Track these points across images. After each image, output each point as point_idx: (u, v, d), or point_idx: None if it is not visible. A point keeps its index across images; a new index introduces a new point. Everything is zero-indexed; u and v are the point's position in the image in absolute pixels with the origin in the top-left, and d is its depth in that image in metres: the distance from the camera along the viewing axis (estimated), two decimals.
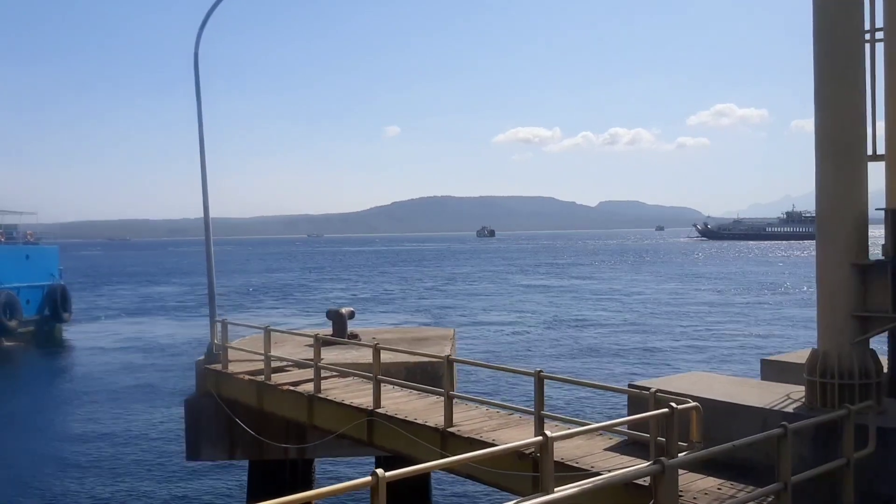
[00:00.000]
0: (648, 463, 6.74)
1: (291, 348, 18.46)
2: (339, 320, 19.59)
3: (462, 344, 45.46)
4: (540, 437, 7.22)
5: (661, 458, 6.48)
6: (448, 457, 11.46)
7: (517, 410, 11.59)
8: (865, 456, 8.53)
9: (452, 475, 12.00)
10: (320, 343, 14.51)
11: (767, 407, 9.74)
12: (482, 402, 12.28)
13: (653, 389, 9.17)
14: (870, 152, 11.62)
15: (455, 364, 18.38)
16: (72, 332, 59.54)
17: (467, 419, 12.23)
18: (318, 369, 14.25)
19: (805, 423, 8.43)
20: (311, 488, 17.27)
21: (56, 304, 60.72)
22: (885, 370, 10.94)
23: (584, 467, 9.75)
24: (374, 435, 12.94)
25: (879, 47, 11.38)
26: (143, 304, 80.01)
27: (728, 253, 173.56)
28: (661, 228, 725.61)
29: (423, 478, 16.79)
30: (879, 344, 11.65)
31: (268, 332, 15.54)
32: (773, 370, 12.70)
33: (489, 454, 7.42)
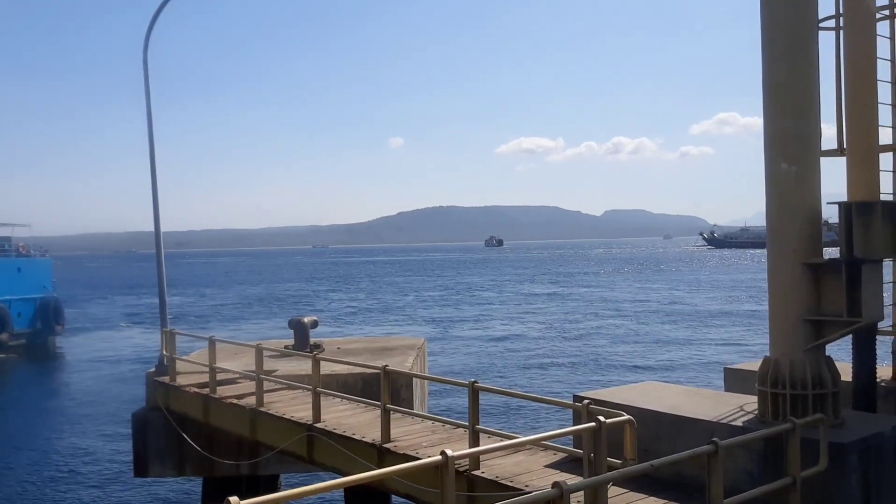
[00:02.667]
0: (545, 489, 6.01)
1: (251, 359, 17.74)
2: (300, 329, 18.90)
3: (445, 353, 44.75)
4: (439, 457, 6.51)
5: (561, 482, 5.75)
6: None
7: (457, 425, 10.83)
8: (816, 474, 7.76)
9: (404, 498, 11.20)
10: (262, 354, 13.77)
11: (715, 420, 8.98)
12: (423, 417, 11.53)
13: (586, 402, 8.42)
14: (834, 147, 10.96)
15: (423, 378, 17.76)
16: (64, 345, 58.92)
17: (409, 434, 11.50)
18: (260, 382, 13.54)
19: (742, 439, 7.65)
20: None
21: (48, 317, 60.12)
22: (852, 378, 10.23)
23: (517, 486, 9.00)
24: (314, 451, 12.22)
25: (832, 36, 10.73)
26: (141, 315, 79.14)
27: (735, 261, 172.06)
28: (668, 237, 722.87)
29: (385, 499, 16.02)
30: (842, 352, 10.92)
31: (212, 342, 14.88)
32: (736, 379, 11.96)
33: (385, 475, 6.68)
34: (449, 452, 6.50)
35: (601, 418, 7.67)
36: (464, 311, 73.01)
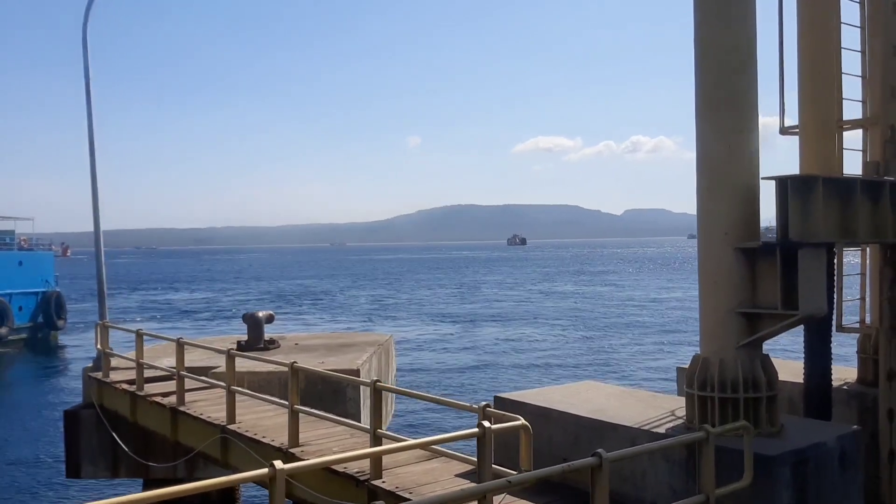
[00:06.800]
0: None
1: (201, 355, 16.86)
2: (254, 324, 17.99)
3: (434, 351, 43.69)
4: (266, 469, 5.54)
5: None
6: (293, 481, 9.85)
7: (359, 429, 9.80)
8: (738, 491, 6.68)
9: None
10: (183, 348, 12.86)
11: (637, 426, 7.92)
12: (335, 421, 10.49)
13: (483, 404, 7.39)
14: (787, 124, 9.88)
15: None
16: (66, 340, 58.52)
17: (323, 437, 10.56)
18: (180, 379, 12.64)
19: (634, 451, 6.56)
20: None
21: (50, 311, 59.79)
22: (803, 380, 9.14)
23: (415, 498, 8.00)
24: (229, 454, 11.29)
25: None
26: (158, 310, 78.26)
27: None
28: (693, 237, 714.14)
29: None
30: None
31: (139, 335, 13.99)
32: None
33: (215, 485, 5.70)
34: (278, 465, 5.54)
35: (486, 423, 6.67)
36: (476, 309, 71.59)
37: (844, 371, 10.82)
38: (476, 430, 6.64)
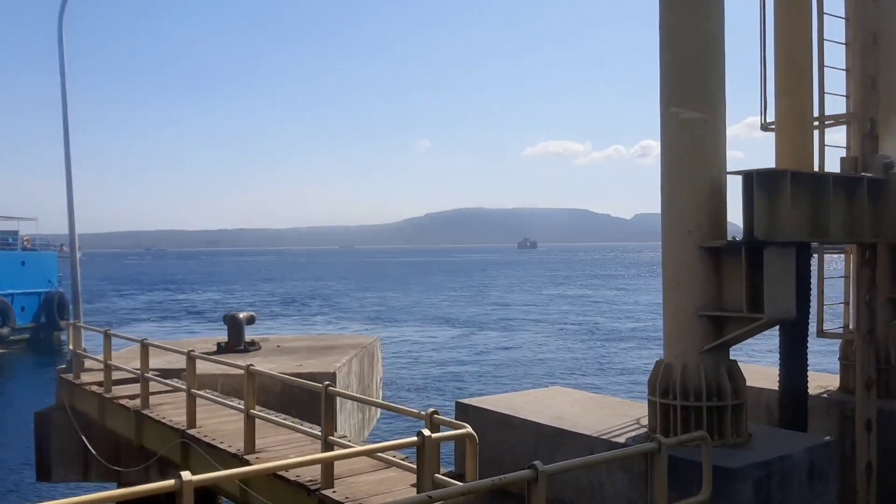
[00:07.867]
0: None
1: (177, 357, 16.52)
2: (235, 326, 17.66)
3: (424, 355, 43.22)
4: (173, 481, 5.17)
5: None
6: (247, 489, 9.50)
7: (313, 436, 9.41)
8: None
9: None
10: (148, 349, 12.52)
11: (596, 435, 7.50)
12: (292, 427, 10.10)
13: (430, 411, 6.99)
14: (769, 121, 9.44)
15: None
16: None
17: (281, 443, 10.20)
18: (145, 381, 12.29)
19: (577, 462, 6.09)
20: None
21: (52, 311, 59.75)
22: (778, 387, 8.68)
23: None
24: (189, 460, 10.93)
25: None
26: (167, 310, 77.89)
27: None
28: None
29: None
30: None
31: (107, 335, 13.67)
32: None
33: (122, 495, 5.34)
34: (185, 476, 5.17)
35: (426, 432, 6.27)
36: (480, 313, 70.91)
37: (827, 378, 10.37)
38: (414, 438, 6.25)
